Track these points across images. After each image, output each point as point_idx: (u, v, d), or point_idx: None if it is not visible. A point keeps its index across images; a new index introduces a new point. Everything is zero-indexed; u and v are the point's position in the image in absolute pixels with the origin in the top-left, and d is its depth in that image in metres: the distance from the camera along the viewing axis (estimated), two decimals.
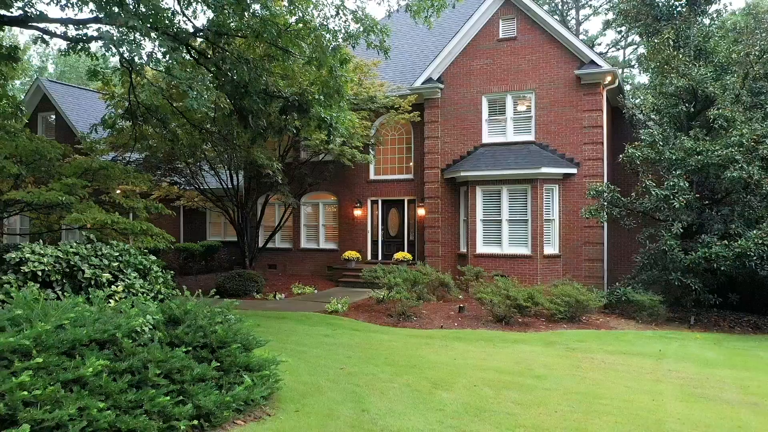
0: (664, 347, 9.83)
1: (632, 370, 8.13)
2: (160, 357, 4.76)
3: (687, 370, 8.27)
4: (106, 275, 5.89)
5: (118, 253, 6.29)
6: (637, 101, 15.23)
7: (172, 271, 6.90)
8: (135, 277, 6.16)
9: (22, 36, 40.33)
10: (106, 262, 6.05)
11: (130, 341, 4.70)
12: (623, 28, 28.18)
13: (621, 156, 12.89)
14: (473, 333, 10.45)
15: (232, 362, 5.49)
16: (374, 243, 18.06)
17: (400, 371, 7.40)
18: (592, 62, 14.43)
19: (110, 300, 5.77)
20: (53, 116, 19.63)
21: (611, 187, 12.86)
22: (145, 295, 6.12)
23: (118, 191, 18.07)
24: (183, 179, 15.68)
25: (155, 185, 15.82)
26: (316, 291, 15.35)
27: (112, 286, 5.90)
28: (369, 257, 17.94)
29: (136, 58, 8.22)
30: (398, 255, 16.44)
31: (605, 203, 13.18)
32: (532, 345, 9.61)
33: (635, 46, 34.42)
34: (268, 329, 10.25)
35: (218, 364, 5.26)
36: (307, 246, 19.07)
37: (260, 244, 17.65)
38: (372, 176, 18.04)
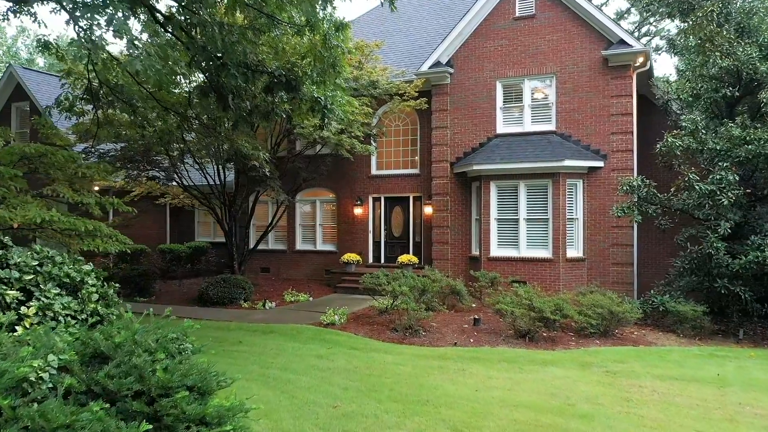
0: (720, 370, 8.27)
1: (695, 404, 6.57)
2: (60, 420, 3.19)
3: (761, 402, 6.72)
4: (13, 293, 4.34)
5: (37, 262, 4.74)
6: (673, 86, 13.61)
7: (116, 284, 5.34)
8: (57, 295, 4.61)
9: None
10: (17, 275, 4.50)
11: (11, 399, 3.15)
12: (645, 13, 26.49)
13: (659, 146, 11.31)
14: (493, 352, 8.88)
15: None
16: (376, 244, 16.49)
17: (409, 410, 5.84)
18: (622, 41, 12.83)
19: (17, 327, 4.22)
20: (28, 106, 18.12)
21: (647, 182, 11.28)
22: (70, 318, 4.57)
23: (96, 187, 16.58)
24: (163, 173, 14.09)
25: (132, 180, 14.26)
26: (311, 298, 13.78)
27: (23, 307, 4.35)
28: (370, 260, 16.38)
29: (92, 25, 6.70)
30: (403, 258, 14.86)
31: (636, 200, 11.61)
32: (565, 368, 8.06)
33: (650, 37, 32.75)
34: (251, 348, 8.71)
35: (155, 424, 3.70)
36: (303, 248, 17.49)
37: (251, 246, 16.10)
38: (374, 171, 16.46)
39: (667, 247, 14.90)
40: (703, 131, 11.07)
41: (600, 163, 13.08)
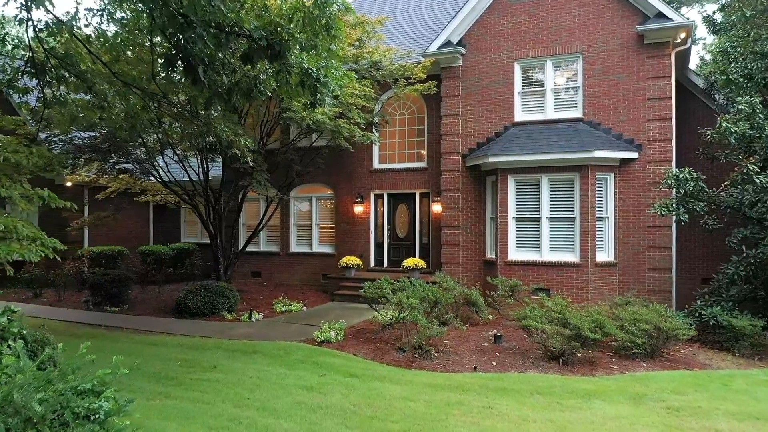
0: None
1: None
2: None
3: None
4: None
5: None
6: (719, 66, 11.98)
7: (19, 308, 3.76)
8: None
9: None
10: None
11: None
12: None
13: (709, 133, 9.70)
14: (522, 380, 7.28)
15: None
16: (379, 246, 14.89)
17: None
18: (660, 15, 11.22)
19: None
20: None
21: (695, 175, 9.68)
22: None
23: (69, 183, 15.00)
24: (138, 166, 12.47)
25: (105, 174, 12.66)
26: (304, 308, 12.17)
27: None
28: (372, 264, 14.78)
29: None
30: (408, 261, 13.25)
31: (678, 195, 10.01)
32: (613, 402, 6.47)
33: None
34: (227, 376, 7.11)
35: None
36: (298, 249, 15.89)
37: (239, 247, 14.50)
38: (376, 165, 14.86)
39: (706, 250, 13.31)
40: (761, 115, 9.48)
41: (634, 155, 11.48)
